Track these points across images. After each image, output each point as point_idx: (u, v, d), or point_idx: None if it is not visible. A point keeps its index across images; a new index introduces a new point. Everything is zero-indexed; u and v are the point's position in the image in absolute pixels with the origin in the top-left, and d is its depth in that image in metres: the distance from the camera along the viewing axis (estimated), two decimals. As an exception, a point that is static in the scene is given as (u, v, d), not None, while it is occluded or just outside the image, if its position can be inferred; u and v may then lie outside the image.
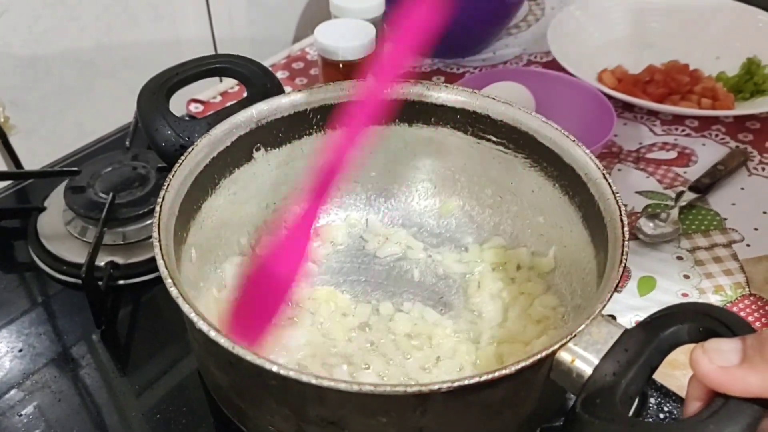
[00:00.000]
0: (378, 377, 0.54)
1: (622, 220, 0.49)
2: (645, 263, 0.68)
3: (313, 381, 0.39)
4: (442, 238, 0.66)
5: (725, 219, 0.73)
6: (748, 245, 0.70)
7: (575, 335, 0.42)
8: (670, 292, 0.65)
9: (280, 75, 0.97)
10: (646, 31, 1.00)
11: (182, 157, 0.53)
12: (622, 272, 0.46)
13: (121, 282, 0.66)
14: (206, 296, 0.56)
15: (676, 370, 0.57)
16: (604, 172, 0.53)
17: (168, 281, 0.44)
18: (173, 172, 0.52)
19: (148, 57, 0.92)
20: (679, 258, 0.69)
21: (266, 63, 0.98)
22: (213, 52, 1.00)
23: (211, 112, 0.87)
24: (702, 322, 0.40)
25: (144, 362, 0.60)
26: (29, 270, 0.68)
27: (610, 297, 0.44)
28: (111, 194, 0.68)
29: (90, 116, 0.88)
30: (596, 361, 0.41)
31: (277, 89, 0.61)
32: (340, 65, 0.75)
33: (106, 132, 0.86)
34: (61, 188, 0.72)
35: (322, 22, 0.79)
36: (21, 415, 0.56)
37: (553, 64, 0.91)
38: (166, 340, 0.62)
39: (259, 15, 1.03)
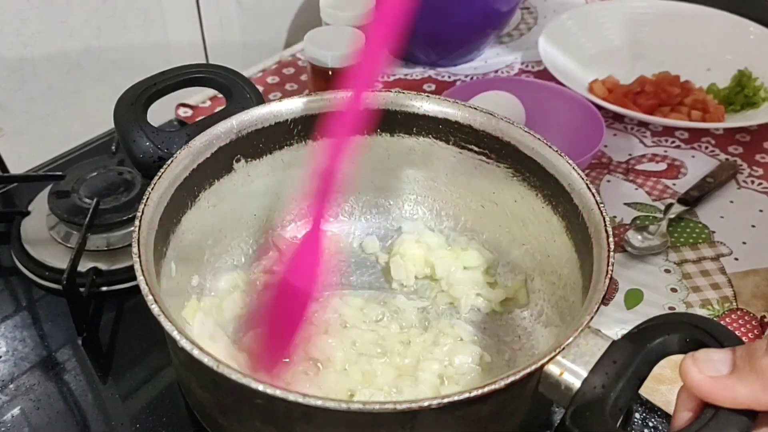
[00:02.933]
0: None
1: (606, 231, 0.49)
2: (632, 276, 0.68)
3: (301, 400, 0.38)
4: (423, 245, 0.66)
5: (714, 232, 0.73)
6: (736, 259, 0.70)
7: (563, 348, 0.42)
8: (657, 306, 0.65)
9: (270, 80, 0.96)
10: (637, 41, 1.00)
11: (161, 170, 0.52)
12: (609, 283, 0.45)
13: (104, 288, 0.65)
14: (186, 309, 0.55)
15: (661, 385, 0.57)
16: (587, 182, 0.53)
17: (149, 298, 0.43)
18: (152, 185, 0.51)
19: (138, 61, 0.91)
20: (667, 271, 0.68)
21: (257, 68, 0.98)
22: (203, 57, 0.99)
23: (201, 117, 0.88)
24: (689, 333, 0.40)
25: (126, 370, 0.60)
26: (12, 274, 0.68)
27: (598, 309, 0.44)
28: (95, 199, 0.68)
29: (77, 120, 0.87)
30: (585, 374, 0.41)
31: (257, 99, 0.60)
32: (330, 72, 0.75)
33: (94, 135, 0.85)
34: (45, 192, 0.72)
35: (313, 28, 0.79)
36: (4, 420, 0.55)
37: (545, 73, 0.91)
38: (149, 348, 0.61)
39: (250, 20, 1.03)
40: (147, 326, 0.63)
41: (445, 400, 0.39)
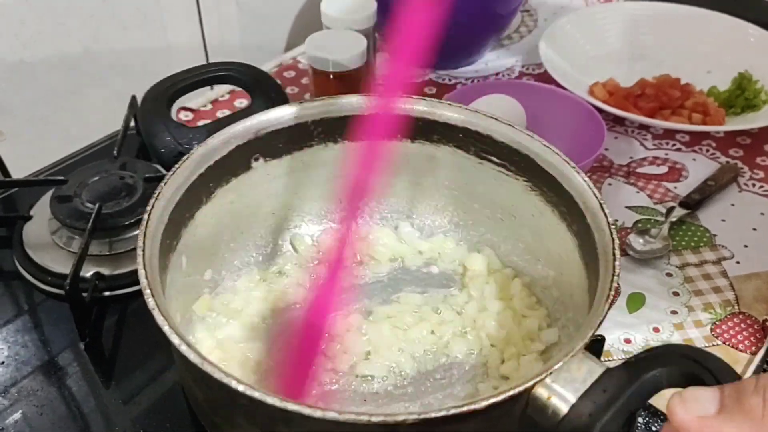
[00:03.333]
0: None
1: (614, 254, 0.48)
2: (634, 279, 0.68)
3: (278, 403, 0.38)
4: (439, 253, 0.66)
5: (715, 235, 0.73)
6: (737, 262, 0.70)
7: (552, 372, 0.41)
8: (659, 310, 0.65)
9: (270, 83, 0.96)
10: (638, 44, 1.00)
11: (176, 166, 0.53)
12: (608, 309, 0.45)
13: (107, 293, 0.65)
14: (199, 303, 0.56)
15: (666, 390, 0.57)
16: (602, 202, 0.52)
17: (146, 291, 0.44)
18: (165, 180, 0.52)
19: (138, 63, 0.91)
20: (669, 275, 0.69)
21: (257, 71, 0.98)
22: (204, 60, 0.99)
23: (202, 121, 0.88)
24: (685, 366, 0.40)
25: (128, 374, 0.60)
26: (14, 279, 0.68)
27: (592, 335, 0.43)
28: (98, 204, 0.67)
29: (77, 123, 0.87)
30: (573, 400, 0.40)
31: (281, 99, 0.60)
32: (331, 76, 0.75)
33: (95, 139, 0.85)
34: (47, 197, 0.71)
35: (314, 30, 0.79)
36: (5, 424, 0.55)
37: (545, 76, 0.91)
38: (151, 352, 0.61)
39: (251, 22, 1.03)
40: (150, 330, 0.60)
41: (421, 416, 0.38)
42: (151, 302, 0.43)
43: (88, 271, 0.65)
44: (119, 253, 0.67)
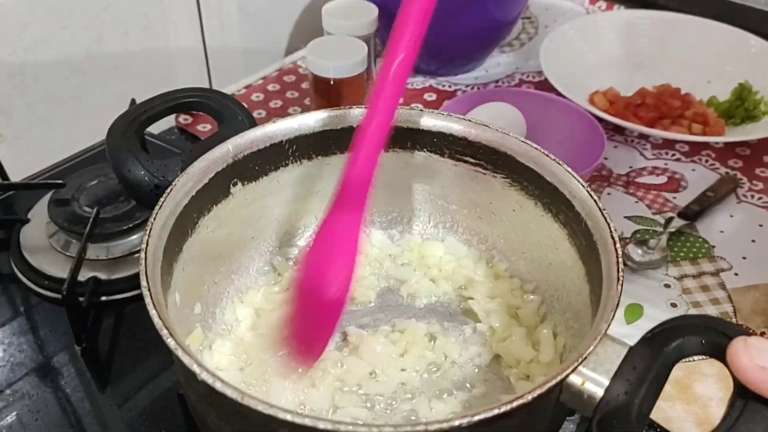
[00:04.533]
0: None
1: (612, 237, 0.49)
2: (632, 290, 0.68)
3: (261, 408, 0.38)
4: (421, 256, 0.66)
5: (713, 247, 0.73)
6: (736, 274, 0.70)
7: (585, 357, 0.42)
8: (657, 321, 0.63)
9: (271, 88, 0.96)
10: (638, 53, 1.00)
11: (162, 198, 0.51)
12: (621, 289, 0.45)
13: (104, 298, 0.65)
14: (190, 338, 0.55)
15: (660, 401, 0.57)
16: (588, 189, 0.53)
17: (164, 332, 0.42)
18: (154, 215, 0.50)
19: (139, 66, 0.91)
20: (667, 286, 0.68)
21: (258, 75, 0.98)
22: (204, 63, 0.99)
23: (201, 125, 0.88)
24: (705, 335, 0.41)
25: (124, 379, 0.59)
26: (11, 282, 0.68)
27: (614, 315, 0.44)
28: (96, 208, 0.67)
29: (78, 126, 0.87)
30: (606, 382, 0.41)
31: (249, 122, 0.60)
32: (331, 82, 0.75)
33: (95, 141, 0.85)
34: (45, 200, 0.71)
35: (316, 35, 0.79)
36: (0, 426, 0.55)
37: (545, 84, 0.91)
38: (147, 357, 0.61)
39: (252, 26, 1.03)
40: (146, 336, 0.63)
41: (475, 418, 0.38)
42: (172, 342, 0.41)
43: (85, 276, 0.65)
44: (117, 257, 0.67)
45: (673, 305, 0.66)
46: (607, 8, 1.14)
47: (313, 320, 0.50)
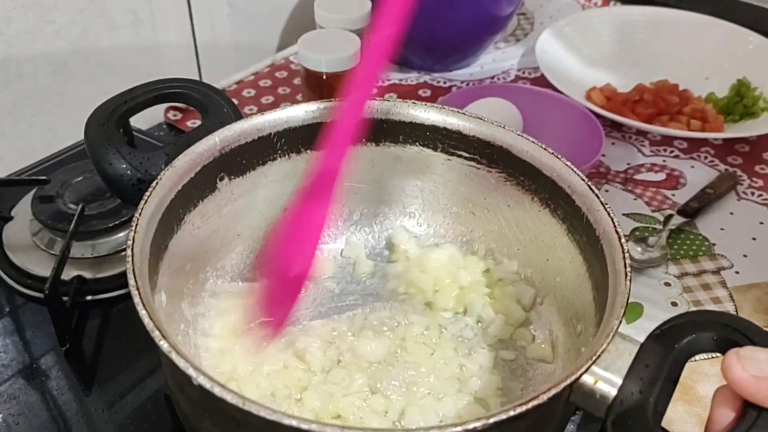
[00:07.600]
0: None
1: (617, 232, 0.48)
2: (632, 289, 0.66)
3: (238, 403, 0.37)
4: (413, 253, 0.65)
5: (714, 244, 0.72)
6: (737, 272, 0.68)
7: (599, 356, 0.40)
8: (657, 320, 0.62)
9: (262, 84, 0.95)
10: (635, 49, 0.99)
11: (147, 193, 0.49)
12: (630, 285, 0.45)
13: (89, 298, 0.63)
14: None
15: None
16: (589, 183, 0.52)
17: (155, 333, 0.40)
18: (139, 210, 0.47)
19: (126, 63, 0.89)
20: (667, 284, 0.67)
21: (249, 71, 0.97)
22: (194, 59, 0.97)
23: (191, 120, 0.86)
24: (717, 331, 0.40)
25: (110, 380, 0.58)
26: (-6, 281, 0.66)
27: (624, 312, 0.43)
28: (81, 205, 0.66)
29: (63, 122, 0.85)
30: (619, 381, 0.40)
31: (235, 115, 0.58)
32: (324, 76, 0.74)
33: (80, 138, 0.83)
34: (29, 197, 0.70)
35: (308, 30, 0.77)
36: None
37: (542, 80, 0.90)
38: (133, 358, 0.60)
39: (243, 22, 1.01)
40: (132, 336, 0.61)
41: (491, 420, 0.37)
42: (165, 345, 0.40)
43: (69, 274, 0.63)
44: (102, 256, 0.66)
45: (674, 304, 0.65)
46: (603, 4, 1.13)
47: (278, 293, 0.49)
